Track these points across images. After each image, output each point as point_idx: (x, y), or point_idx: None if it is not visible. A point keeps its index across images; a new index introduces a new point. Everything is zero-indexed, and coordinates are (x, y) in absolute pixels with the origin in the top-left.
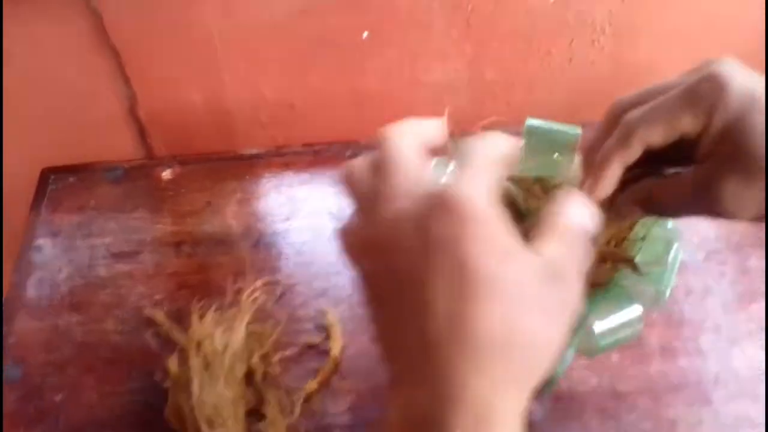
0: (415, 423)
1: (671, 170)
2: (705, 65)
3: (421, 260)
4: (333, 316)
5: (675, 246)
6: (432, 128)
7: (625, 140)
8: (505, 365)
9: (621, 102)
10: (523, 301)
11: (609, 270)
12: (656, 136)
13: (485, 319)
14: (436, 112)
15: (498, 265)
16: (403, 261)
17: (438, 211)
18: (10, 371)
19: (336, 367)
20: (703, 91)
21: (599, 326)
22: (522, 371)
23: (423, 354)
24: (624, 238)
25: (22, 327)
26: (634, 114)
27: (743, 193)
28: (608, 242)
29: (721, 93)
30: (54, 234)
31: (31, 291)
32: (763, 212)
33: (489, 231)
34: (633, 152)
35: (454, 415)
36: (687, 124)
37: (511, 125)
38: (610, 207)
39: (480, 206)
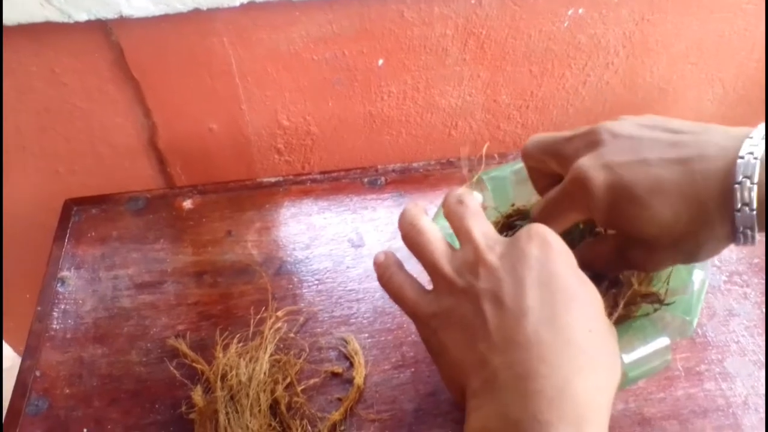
0: (506, 427)
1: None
2: (583, 133)
3: (519, 275)
4: (355, 344)
5: (701, 275)
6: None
7: None
8: (598, 370)
9: (534, 141)
10: (595, 316)
11: (637, 306)
12: (556, 228)
13: (579, 327)
14: (451, 136)
15: (578, 282)
16: (503, 280)
17: (530, 240)
18: (36, 404)
19: (359, 396)
20: (574, 194)
21: (627, 358)
22: (608, 377)
23: (513, 359)
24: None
25: (47, 359)
26: (535, 210)
27: (651, 258)
28: (637, 282)
29: (587, 194)
30: (77, 266)
31: (56, 323)
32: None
33: (567, 256)
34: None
35: (557, 414)
36: (575, 218)
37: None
38: None
39: (557, 238)
